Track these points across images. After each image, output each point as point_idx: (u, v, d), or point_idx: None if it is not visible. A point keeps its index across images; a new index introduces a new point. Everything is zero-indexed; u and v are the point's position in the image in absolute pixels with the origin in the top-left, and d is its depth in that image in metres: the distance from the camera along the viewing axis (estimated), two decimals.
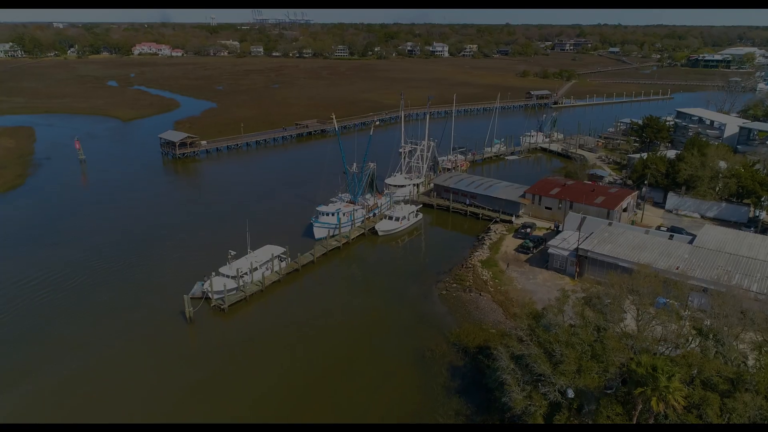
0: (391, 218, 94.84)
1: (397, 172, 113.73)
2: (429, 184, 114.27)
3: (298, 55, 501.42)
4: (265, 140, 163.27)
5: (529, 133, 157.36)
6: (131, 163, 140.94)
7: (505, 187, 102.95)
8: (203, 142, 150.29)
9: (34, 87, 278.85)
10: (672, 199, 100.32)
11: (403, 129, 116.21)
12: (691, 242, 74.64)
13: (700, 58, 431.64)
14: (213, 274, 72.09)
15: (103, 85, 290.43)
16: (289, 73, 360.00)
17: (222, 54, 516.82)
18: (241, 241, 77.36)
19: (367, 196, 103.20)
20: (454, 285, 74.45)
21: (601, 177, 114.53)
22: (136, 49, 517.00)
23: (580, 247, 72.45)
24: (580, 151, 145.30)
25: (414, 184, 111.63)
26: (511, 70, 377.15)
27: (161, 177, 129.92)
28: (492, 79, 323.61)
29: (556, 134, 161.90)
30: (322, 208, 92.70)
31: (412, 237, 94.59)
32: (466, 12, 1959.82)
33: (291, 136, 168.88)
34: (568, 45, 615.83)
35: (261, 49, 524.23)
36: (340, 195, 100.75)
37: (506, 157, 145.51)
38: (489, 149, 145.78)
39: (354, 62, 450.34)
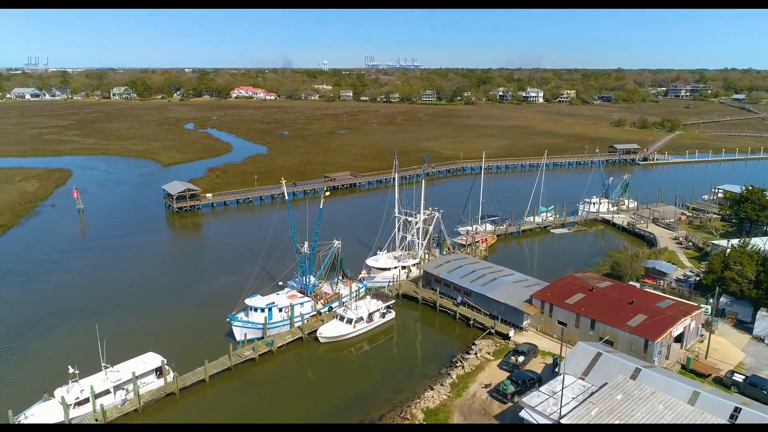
0: (342, 319, 71.07)
1: (384, 251, 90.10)
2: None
3: (385, 99, 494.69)
4: (283, 194, 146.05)
5: (590, 200, 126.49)
6: (129, 215, 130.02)
7: (513, 284, 75.22)
8: (208, 195, 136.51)
9: (114, 128, 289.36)
10: (764, 321, 67.14)
11: (397, 195, 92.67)
12: None
13: None
14: (43, 398, 53.42)
15: (176, 128, 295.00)
16: (364, 118, 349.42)
17: (312, 98, 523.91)
18: (164, 332, 59.35)
19: (337, 280, 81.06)
20: None
21: (664, 274, 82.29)
22: (234, 93, 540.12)
23: (561, 421, 44.28)
24: (651, 227, 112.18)
25: (403, 267, 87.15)
26: (607, 119, 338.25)
27: (142, 235, 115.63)
28: (580, 129, 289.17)
29: (627, 201, 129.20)
30: (251, 301, 71.38)
31: (372, 345, 69.75)
32: (576, 57, 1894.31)
33: (314, 190, 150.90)
34: (683, 91, 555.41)
35: (350, 93, 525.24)
36: (295, 279, 79.53)
37: (552, 230, 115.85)
38: (530, 219, 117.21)
39: (437, 107, 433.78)
